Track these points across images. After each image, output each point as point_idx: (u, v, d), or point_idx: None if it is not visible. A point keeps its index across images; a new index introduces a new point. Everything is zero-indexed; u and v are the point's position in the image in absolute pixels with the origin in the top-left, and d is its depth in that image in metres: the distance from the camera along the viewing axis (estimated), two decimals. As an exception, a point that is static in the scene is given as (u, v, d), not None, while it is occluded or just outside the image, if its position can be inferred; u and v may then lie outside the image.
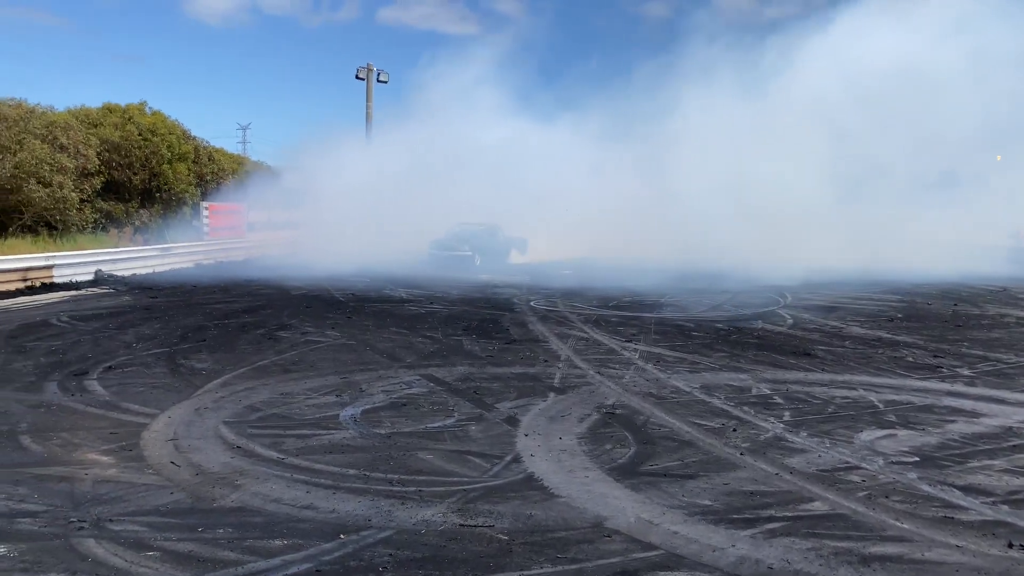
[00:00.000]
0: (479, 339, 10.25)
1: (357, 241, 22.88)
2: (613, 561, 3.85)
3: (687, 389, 7.59)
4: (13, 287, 14.70)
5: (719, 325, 11.90)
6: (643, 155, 27.99)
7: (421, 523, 4.27)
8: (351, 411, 6.59)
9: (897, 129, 23.98)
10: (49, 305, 13.03)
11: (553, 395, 7.29)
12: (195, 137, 30.64)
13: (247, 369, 8.17)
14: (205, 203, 26.90)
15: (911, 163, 24.96)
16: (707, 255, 21.56)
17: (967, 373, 8.59)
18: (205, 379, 7.69)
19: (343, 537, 4.07)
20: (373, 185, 25.67)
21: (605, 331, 11.05)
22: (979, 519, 4.46)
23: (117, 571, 3.65)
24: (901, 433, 6.20)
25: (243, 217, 28.14)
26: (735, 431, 6.16)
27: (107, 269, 17.63)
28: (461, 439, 5.90)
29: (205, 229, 25.84)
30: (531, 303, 14.21)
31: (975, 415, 6.81)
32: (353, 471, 5.10)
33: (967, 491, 4.90)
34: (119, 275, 17.68)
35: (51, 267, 16.08)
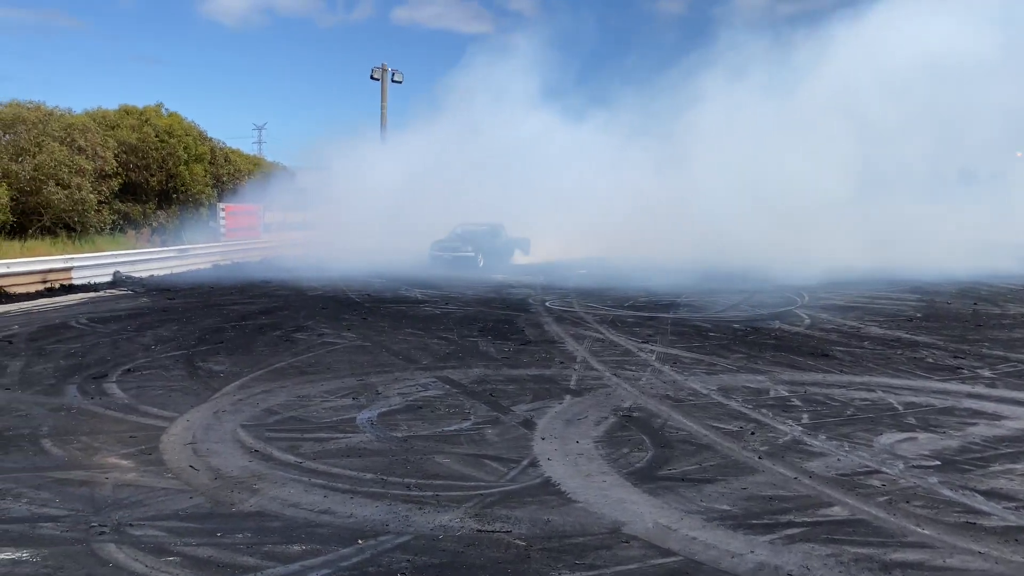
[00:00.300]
0: (494, 340, 10.25)
1: (371, 241, 22.96)
2: (631, 567, 3.84)
3: (704, 391, 7.56)
4: (33, 289, 14.85)
5: (736, 325, 11.84)
6: (662, 152, 27.84)
7: (438, 528, 4.27)
8: (368, 414, 6.61)
9: (923, 125, 23.64)
10: (68, 307, 13.15)
11: (569, 397, 7.28)
12: (211, 138, 30.88)
13: (264, 371, 8.21)
14: (222, 204, 27.09)
15: (935, 159, 24.60)
16: (722, 254, 21.46)
17: (988, 374, 8.50)
18: (223, 381, 7.73)
19: (361, 542, 4.08)
20: (388, 185, 25.73)
21: (621, 332, 11.02)
22: (1002, 525, 4.41)
23: (138, 576, 3.67)
24: (921, 436, 6.15)
25: (259, 218, 28.32)
26: (753, 434, 6.12)
27: (125, 270, 17.77)
28: (477, 443, 5.90)
29: (222, 230, 26.02)
30: (546, 303, 14.20)
31: (997, 417, 6.74)
32: (370, 475, 5.11)
33: (989, 496, 4.84)
34: (137, 276, 17.82)
35: (70, 269, 16.22)
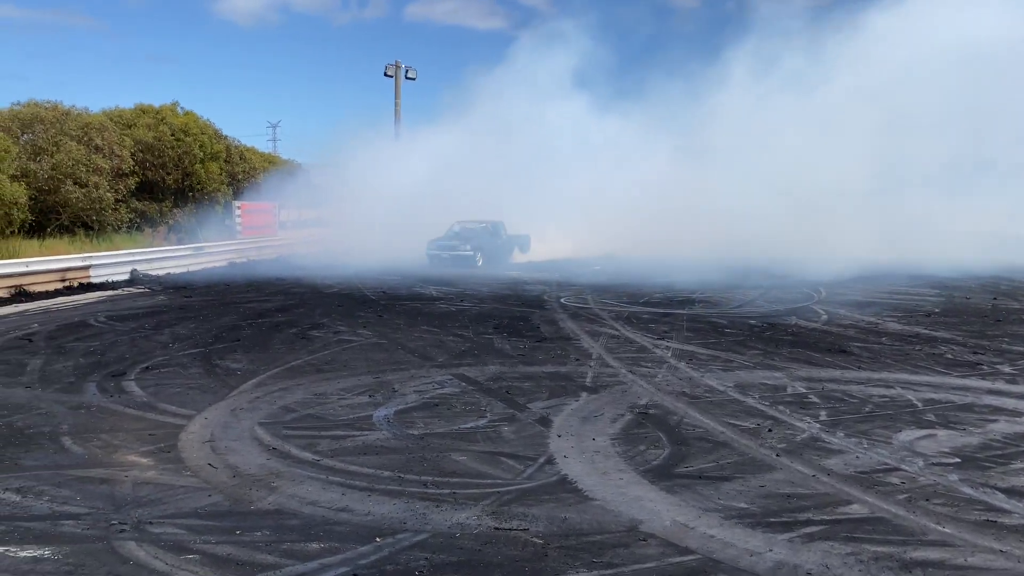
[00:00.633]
0: (510, 337, 10.25)
1: (386, 239, 22.99)
2: (649, 566, 3.83)
3: (721, 388, 7.53)
4: (52, 287, 14.99)
5: (752, 321, 11.78)
6: (682, 145, 27.65)
7: (456, 526, 4.28)
8: (384, 412, 6.63)
9: (956, 115, 23.23)
10: (87, 305, 13.26)
11: (585, 395, 7.27)
12: (226, 136, 31.05)
13: (281, 369, 8.24)
14: (237, 202, 27.24)
15: (964, 151, 24.18)
16: (738, 250, 21.33)
17: (1008, 370, 8.42)
18: (240, 379, 7.77)
19: (379, 540, 4.09)
20: (402, 182, 25.76)
21: (637, 328, 10.99)
22: (1023, 523, 4.37)
23: (158, 574, 3.70)
24: (941, 433, 6.10)
25: (274, 216, 28.45)
26: (770, 431, 6.09)
27: (142, 269, 17.91)
28: (494, 440, 5.90)
29: (238, 228, 26.16)
30: (561, 300, 14.19)
31: (1017, 414, 6.67)
32: (387, 473, 5.12)
33: (1010, 493, 4.80)
34: (154, 274, 17.95)
35: (88, 267, 16.36)
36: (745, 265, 19.41)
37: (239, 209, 26.63)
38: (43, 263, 15.49)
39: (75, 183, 22.12)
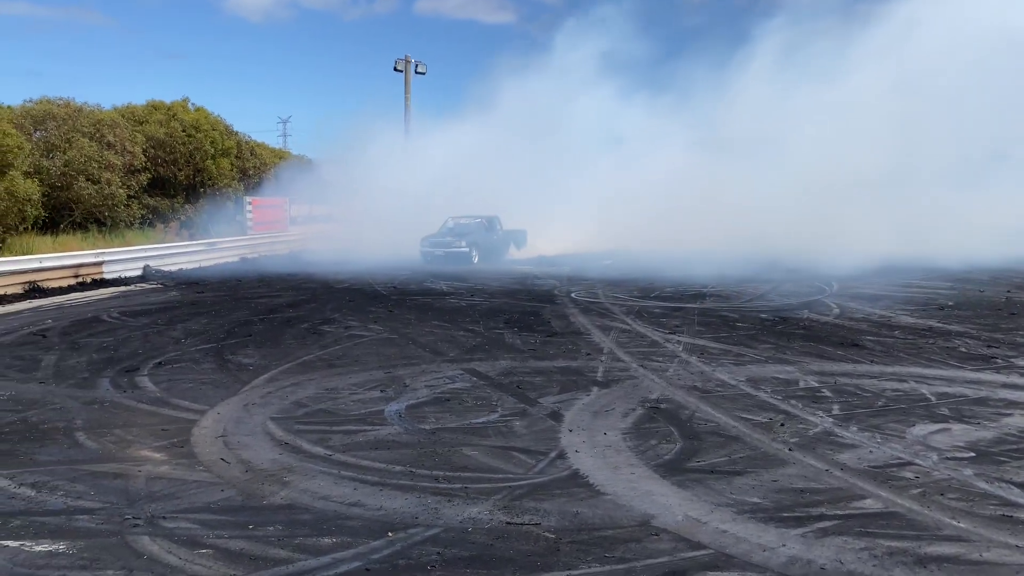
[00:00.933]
0: (520, 332, 10.25)
1: (396, 234, 22.97)
2: (662, 560, 3.82)
3: (732, 382, 7.50)
4: (66, 283, 15.10)
5: (764, 315, 11.74)
6: (697, 139, 27.45)
7: (468, 521, 4.28)
8: (395, 406, 6.64)
9: (975, 107, 22.91)
10: (100, 301, 13.34)
11: (596, 389, 7.25)
12: (237, 132, 31.14)
13: (293, 364, 8.27)
14: (248, 198, 27.29)
15: (978, 143, 23.84)
16: (749, 244, 21.18)
17: (1023, 363, 8.35)
18: (252, 375, 7.80)
19: (391, 535, 4.10)
20: (413, 177, 25.75)
21: (648, 323, 10.97)
22: (1039, 518, 4.33)
23: (172, 569, 3.72)
24: (955, 427, 6.06)
25: (285, 211, 28.50)
26: (783, 426, 6.07)
27: (155, 264, 18.01)
28: (505, 435, 5.90)
29: (249, 224, 26.23)
30: (572, 294, 14.17)
31: (1032, 408, 6.61)
32: (399, 468, 5.13)
33: (1026, 488, 4.76)
34: (166, 270, 18.04)
35: (101, 263, 16.47)
36: (759, 259, 19.28)
37: (250, 205, 26.69)
38: (56, 259, 15.60)
39: (87, 179, 22.23)
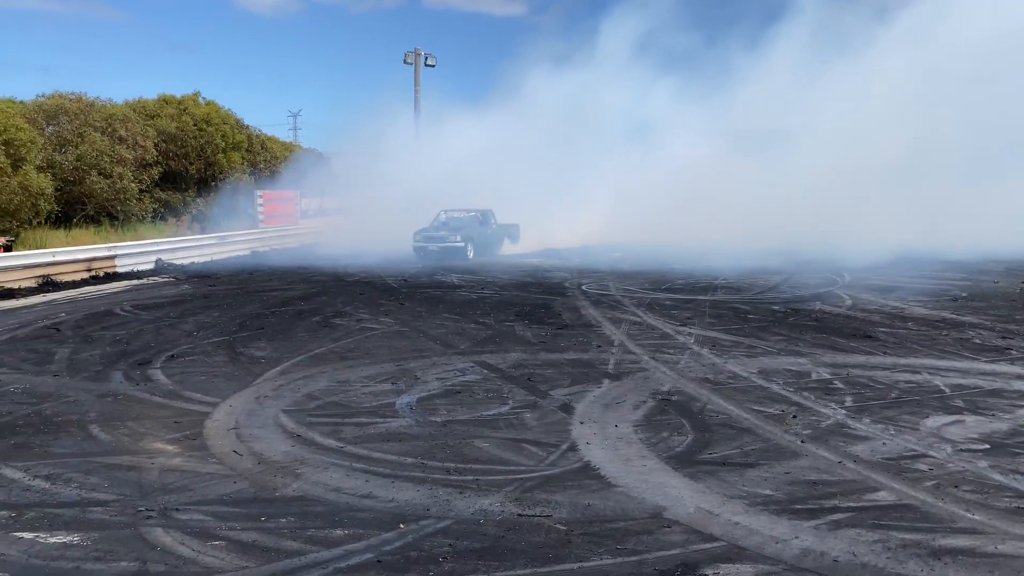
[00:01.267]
0: (531, 324, 10.24)
1: (407, 227, 22.94)
2: (674, 552, 3.81)
3: (744, 374, 7.47)
4: (79, 277, 15.18)
5: (775, 307, 11.68)
6: (716, 129, 27.22)
7: (479, 513, 4.28)
8: (407, 399, 6.64)
9: (995, 98, 22.58)
10: (113, 294, 13.41)
11: (607, 381, 7.24)
12: (248, 126, 31.22)
13: (304, 357, 8.29)
14: (259, 191, 27.34)
15: (995, 132, 23.49)
16: (766, 236, 21.01)
17: (1038, 355, 8.28)
18: (264, 367, 7.82)
19: (403, 527, 4.10)
20: (423, 169, 25.72)
21: (659, 315, 10.94)
22: (1055, 510, 4.30)
23: (185, 560, 3.73)
24: (969, 419, 6.01)
25: (296, 205, 28.55)
26: (795, 418, 6.04)
27: (167, 258, 18.08)
28: (516, 427, 5.90)
29: (260, 217, 26.29)
30: (582, 287, 14.14)
31: (1048, 400, 6.56)
32: (411, 460, 5.14)
33: (1041, 480, 4.72)
34: (178, 264, 18.12)
35: (114, 257, 16.54)
36: (772, 250, 19.13)
37: (261, 198, 26.74)
38: (69, 253, 15.69)
39: (100, 174, 22.35)
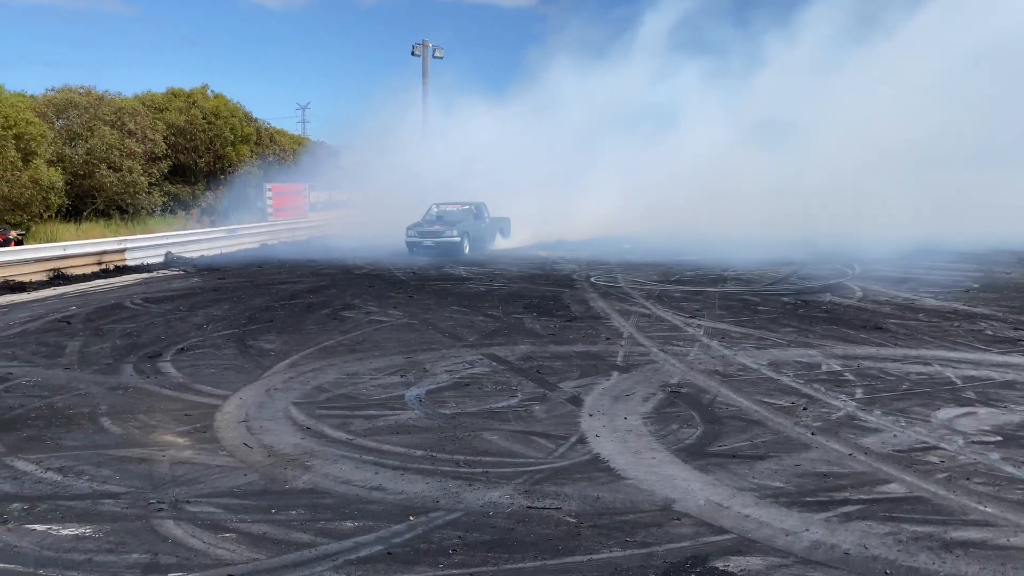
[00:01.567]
0: (540, 317, 10.23)
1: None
2: (683, 545, 3.80)
3: (754, 366, 7.44)
4: (89, 270, 15.25)
5: (786, 299, 11.64)
6: (731, 119, 27.03)
7: (488, 505, 4.28)
8: (416, 391, 6.65)
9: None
10: (123, 288, 13.46)
11: (616, 374, 7.23)
12: (256, 119, 31.27)
13: (314, 349, 8.30)
14: (268, 184, 27.37)
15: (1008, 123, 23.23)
16: (781, 227, 20.90)
17: (1051, 346, 8.23)
18: (273, 360, 7.84)
19: (412, 519, 4.11)
20: (432, 161, 25.69)
21: (668, 307, 10.91)
22: (1068, 503, 4.27)
23: (196, 552, 3.75)
24: (981, 411, 5.98)
25: (305, 197, 28.56)
26: (805, 410, 6.02)
27: (176, 251, 18.14)
28: (525, 419, 5.89)
29: (269, 210, 26.32)
30: (591, 279, 14.12)
31: (1061, 391, 6.51)
32: (420, 452, 5.14)
33: (1054, 473, 4.69)
34: (188, 257, 18.17)
35: (124, 250, 16.61)
36: (786, 242, 19.00)
37: (270, 191, 26.77)
38: (80, 247, 15.76)
39: (109, 167, 22.42)
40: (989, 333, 8.96)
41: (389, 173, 25.93)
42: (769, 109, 26.60)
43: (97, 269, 15.52)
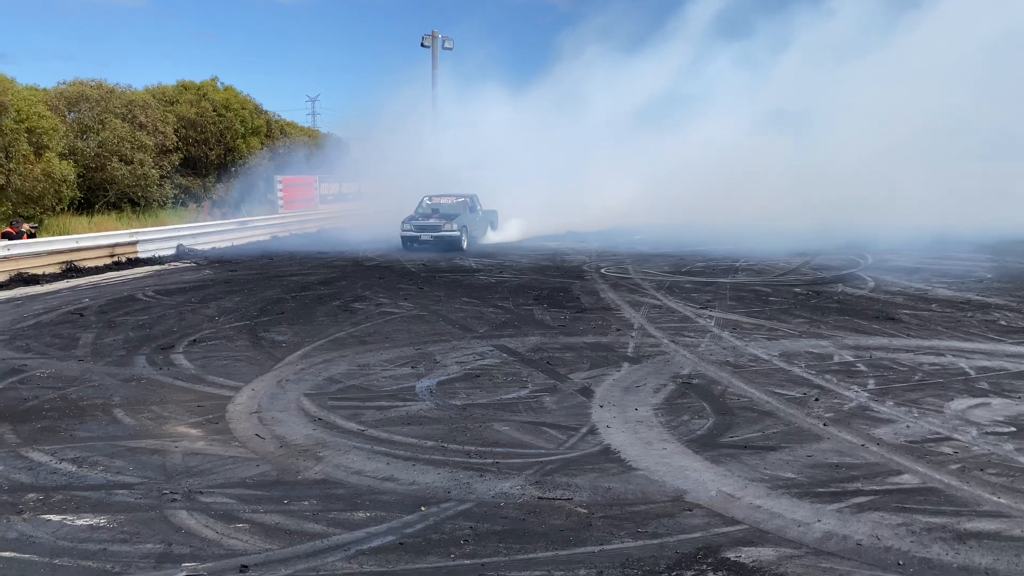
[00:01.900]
0: (550, 308, 10.22)
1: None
2: (695, 536, 3.80)
3: (766, 357, 7.42)
4: (102, 263, 15.32)
5: (797, 289, 11.59)
6: (748, 108, 26.82)
7: (500, 496, 4.29)
8: (427, 382, 6.66)
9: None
10: (135, 280, 13.53)
11: (627, 365, 7.22)
12: (266, 111, 31.29)
13: (325, 341, 8.33)
14: (279, 176, 27.41)
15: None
16: (796, 217, 20.75)
17: (1065, 337, 8.16)
18: (285, 351, 7.87)
19: (424, 509, 4.12)
20: (441, 153, 25.63)
21: (679, 298, 10.88)
22: (1083, 494, 4.24)
23: (209, 542, 3.77)
24: (995, 402, 5.94)
25: (315, 190, 28.59)
26: (817, 400, 6.00)
27: (188, 243, 18.19)
28: (536, 410, 5.90)
29: (280, 202, 26.36)
30: (601, 270, 14.09)
31: (1075, 382, 6.46)
32: (431, 443, 5.15)
33: (1069, 464, 4.66)
34: (199, 249, 18.22)
35: (136, 243, 16.68)
36: (802, 233, 18.86)
37: (280, 183, 26.79)
38: (92, 239, 15.83)
39: (121, 160, 22.52)
40: (1003, 323, 8.90)
41: (399, 165, 25.90)
42: (788, 98, 26.43)
43: (109, 261, 15.59)
